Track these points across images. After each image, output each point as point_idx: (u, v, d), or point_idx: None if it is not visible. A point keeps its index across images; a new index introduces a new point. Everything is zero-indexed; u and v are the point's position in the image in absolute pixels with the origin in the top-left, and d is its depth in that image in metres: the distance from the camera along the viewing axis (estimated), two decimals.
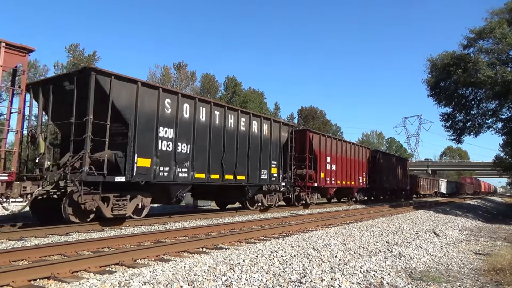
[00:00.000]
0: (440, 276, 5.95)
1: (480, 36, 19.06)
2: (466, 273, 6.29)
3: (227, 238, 8.50)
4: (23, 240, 7.99)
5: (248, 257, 6.13)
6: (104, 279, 4.64)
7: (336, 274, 5.23)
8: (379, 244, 8.48)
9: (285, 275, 5.21)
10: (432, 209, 21.40)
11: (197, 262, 5.70)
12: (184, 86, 51.04)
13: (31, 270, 5.02)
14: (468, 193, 69.36)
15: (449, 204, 27.40)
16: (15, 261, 5.98)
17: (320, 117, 62.69)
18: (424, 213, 18.10)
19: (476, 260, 7.54)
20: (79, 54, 44.10)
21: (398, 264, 6.45)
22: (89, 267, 5.58)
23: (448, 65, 19.98)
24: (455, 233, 11.52)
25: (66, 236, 8.75)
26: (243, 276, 5.02)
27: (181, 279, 4.79)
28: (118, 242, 7.65)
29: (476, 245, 9.54)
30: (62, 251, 6.66)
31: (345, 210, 19.05)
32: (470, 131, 22.15)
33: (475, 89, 20.54)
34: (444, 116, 23.00)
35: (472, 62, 18.46)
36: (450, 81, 20.75)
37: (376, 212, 17.50)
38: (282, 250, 6.90)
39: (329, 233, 9.37)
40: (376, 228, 11.02)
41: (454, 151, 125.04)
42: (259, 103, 55.97)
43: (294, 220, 13.20)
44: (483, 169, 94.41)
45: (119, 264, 5.96)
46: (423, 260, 7.11)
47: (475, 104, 21.77)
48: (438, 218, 15.91)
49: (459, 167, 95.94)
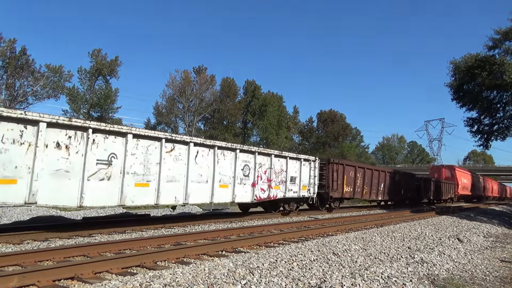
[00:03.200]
0: (464, 283, 5.80)
1: (506, 37, 18.57)
2: (491, 281, 6.12)
3: (246, 241, 8.51)
4: (48, 241, 8.20)
5: (267, 261, 6.12)
6: (126, 281, 4.71)
7: (357, 280, 5.17)
8: (401, 249, 8.33)
9: (304, 280, 5.19)
10: (456, 214, 20.88)
11: (217, 265, 5.72)
12: (203, 90, 51.49)
13: (56, 270, 5.16)
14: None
15: (473, 210, 26.68)
16: (40, 262, 6.15)
17: (339, 120, 62.19)
18: (447, 218, 17.68)
19: (502, 267, 7.32)
20: (102, 59, 45.14)
21: (421, 271, 6.32)
22: (112, 269, 5.68)
23: (472, 67, 19.52)
24: (480, 240, 11.20)
25: (89, 237, 8.94)
26: (262, 280, 5.02)
27: (201, 282, 4.82)
28: (139, 244, 7.76)
29: (502, 252, 9.26)
30: (86, 252, 6.81)
31: (365, 215, 18.79)
32: (497, 135, 21.53)
33: (501, 92, 19.99)
34: (469, 121, 22.44)
35: (497, 64, 18.00)
36: (474, 84, 20.26)
37: (397, 218, 17.19)
38: (302, 254, 6.86)
39: (349, 238, 9.27)
40: (398, 233, 10.83)
41: (478, 155, 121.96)
42: (278, 106, 55.93)
43: (313, 224, 13.10)
44: (509, 174, 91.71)
45: (140, 266, 6.05)
46: (447, 266, 6.94)
47: (500, 107, 21.17)
48: (461, 224, 15.52)
49: (484, 172, 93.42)
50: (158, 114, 52.51)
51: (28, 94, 38.03)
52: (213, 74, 53.02)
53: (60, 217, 13.75)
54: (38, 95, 39.09)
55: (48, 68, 39.89)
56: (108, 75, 45.79)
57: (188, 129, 50.86)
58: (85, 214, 15.55)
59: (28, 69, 37.17)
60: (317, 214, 17.63)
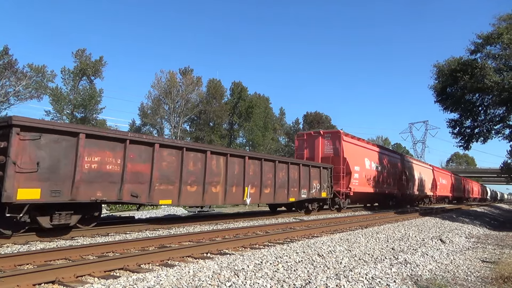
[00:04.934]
0: (447, 284, 5.88)
1: (487, 42, 18.95)
2: (473, 281, 6.21)
3: (231, 243, 8.48)
4: (28, 244, 8.03)
5: (252, 263, 6.10)
6: (108, 284, 4.64)
7: (341, 281, 5.19)
8: (385, 250, 8.41)
9: (289, 281, 5.18)
10: (438, 215, 21.20)
11: (202, 267, 5.68)
12: (190, 91, 51.23)
13: (36, 274, 5.04)
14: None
15: (456, 211, 27.14)
16: (20, 265, 6.01)
17: (325, 122, 62.61)
18: (430, 219, 17.94)
19: (483, 268, 7.44)
20: (86, 59, 44.51)
21: (404, 271, 6.39)
22: (94, 272, 5.58)
23: (455, 70, 19.87)
24: (461, 240, 11.39)
25: (71, 240, 8.78)
26: (247, 282, 5.00)
27: (185, 284, 4.77)
28: (123, 247, 7.66)
29: (484, 253, 9.42)
30: (67, 255, 6.68)
31: (350, 216, 18.95)
32: (478, 137, 21.94)
33: (482, 95, 20.37)
34: (451, 122, 22.82)
35: (479, 67, 18.35)
36: (457, 87, 20.61)
37: (381, 219, 17.37)
38: (287, 256, 6.86)
39: (334, 239, 9.31)
40: (382, 234, 10.93)
41: (461, 157, 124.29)
42: (264, 108, 56.03)
43: (299, 226, 13.14)
44: (491, 176, 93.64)
45: (124, 269, 5.96)
46: (429, 267, 7.03)
47: (482, 110, 21.58)
48: (444, 225, 15.76)
49: (466, 174, 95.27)
50: (143, 115, 52.04)
51: (10, 94, 37.26)
52: (200, 76, 52.84)
53: None
54: (21, 95, 38.32)
55: (30, 68, 39.15)
56: (93, 76, 45.14)
57: (173, 130, 50.53)
58: None
59: (11, 69, 36.40)
60: (302, 216, 17.75)
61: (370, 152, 25.84)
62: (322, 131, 22.70)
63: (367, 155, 24.95)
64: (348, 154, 21.79)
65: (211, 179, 12.52)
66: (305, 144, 22.83)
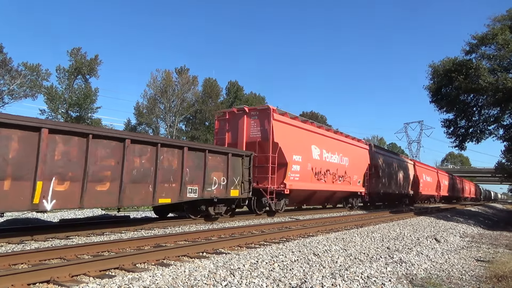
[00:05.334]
0: (442, 283, 5.91)
1: (482, 42, 19.08)
2: (467, 280, 6.25)
3: (227, 242, 8.48)
4: (23, 244, 7.98)
5: (248, 262, 6.10)
6: (103, 283, 4.62)
7: (337, 280, 5.21)
8: (380, 250, 8.44)
9: (285, 281, 5.19)
10: (433, 215, 21.32)
11: (197, 266, 5.67)
12: (185, 90, 51.14)
13: (31, 274, 5.01)
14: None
15: (450, 211, 27.30)
16: (15, 265, 5.97)
17: (321, 122, 62.69)
18: (425, 219, 18.04)
19: (477, 267, 7.49)
20: (81, 58, 44.28)
21: (399, 270, 6.42)
22: (89, 271, 5.55)
23: (450, 71, 19.99)
24: (456, 240, 11.46)
25: (66, 239, 8.74)
26: (243, 281, 4.99)
27: (181, 283, 4.77)
28: (118, 246, 7.63)
29: (478, 252, 9.49)
30: (62, 255, 6.65)
31: (346, 215, 18.99)
32: (472, 137, 22.08)
33: (477, 96, 20.51)
34: (446, 122, 22.97)
35: (473, 68, 18.47)
36: (451, 87, 20.74)
37: (377, 218, 17.43)
38: (283, 255, 6.87)
39: (329, 239, 9.34)
40: (377, 233, 10.97)
41: (455, 157, 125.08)
42: None
43: (294, 225, 13.16)
44: (485, 176, 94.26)
45: (119, 268, 5.95)
46: (424, 266, 7.07)
47: (476, 111, 21.73)
48: (439, 224, 15.84)
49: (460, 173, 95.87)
50: (139, 114, 51.86)
51: (4, 93, 37.01)
52: (196, 75, 52.76)
53: (35, 219, 13.40)
54: (15, 94, 38.10)
55: (25, 66, 38.92)
56: (88, 74, 44.94)
57: (169, 129, 50.40)
58: (62, 216, 15.19)
59: (5, 67, 36.15)
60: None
61: (321, 139, 19.26)
62: (247, 107, 16.76)
63: (315, 141, 18.62)
64: (282, 138, 15.79)
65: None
66: (227, 126, 16.81)
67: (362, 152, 24.54)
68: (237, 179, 13.87)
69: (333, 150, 20.28)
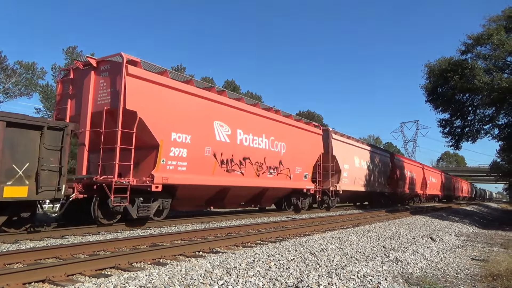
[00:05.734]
0: (437, 281, 5.94)
1: (477, 42, 19.16)
2: (462, 279, 6.28)
3: (224, 241, 8.47)
4: (18, 243, 7.94)
5: (244, 261, 6.10)
6: (99, 283, 4.60)
7: (333, 279, 5.21)
8: (376, 249, 8.46)
9: (281, 280, 5.19)
10: (429, 214, 21.41)
11: (194, 265, 5.66)
12: None
13: (26, 273, 4.98)
14: None
15: (446, 210, 27.43)
16: (10, 264, 5.94)
17: (317, 121, 62.73)
18: (420, 218, 18.11)
19: (472, 265, 7.53)
20: (77, 56, 44.05)
21: (395, 269, 6.44)
22: (85, 271, 5.53)
23: (446, 70, 20.07)
24: (451, 239, 11.51)
25: (61, 239, 8.71)
26: (239, 280, 4.99)
27: (177, 283, 4.76)
28: (114, 246, 7.61)
29: (473, 251, 9.54)
30: (58, 254, 6.62)
31: (342, 215, 19.03)
32: (467, 137, 22.19)
33: (472, 95, 20.62)
34: (441, 122, 23.06)
35: (469, 68, 18.56)
36: (447, 87, 20.82)
37: (373, 217, 17.49)
38: (279, 254, 6.87)
39: (326, 238, 9.35)
40: (373, 233, 11.01)
41: (451, 156, 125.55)
42: None
43: (291, 224, 13.17)
44: (480, 175, 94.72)
45: (115, 268, 5.93)
46: (420, 265, 7.10)
47: (472, 110, 21.84)
48: (434, 223, 15.91)
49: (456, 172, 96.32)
50: None
51: None
52: (192, 74, 52.69)
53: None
54: (10, 92, 37.86)
55: (20, 65, 38.65)
56: None
57: None
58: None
59: (0, 66, 35.92)
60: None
61: (234, 114, 13.99)
62: (96, 59, 11.13)
63: (222, 116, 13.35)
64: (146, 104, 10.58)
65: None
66: (72, 90, 11.51)
67: (311, 138, 19.00)
68: (23, 168, 8.23)
69: (256, 131, 15.04)
